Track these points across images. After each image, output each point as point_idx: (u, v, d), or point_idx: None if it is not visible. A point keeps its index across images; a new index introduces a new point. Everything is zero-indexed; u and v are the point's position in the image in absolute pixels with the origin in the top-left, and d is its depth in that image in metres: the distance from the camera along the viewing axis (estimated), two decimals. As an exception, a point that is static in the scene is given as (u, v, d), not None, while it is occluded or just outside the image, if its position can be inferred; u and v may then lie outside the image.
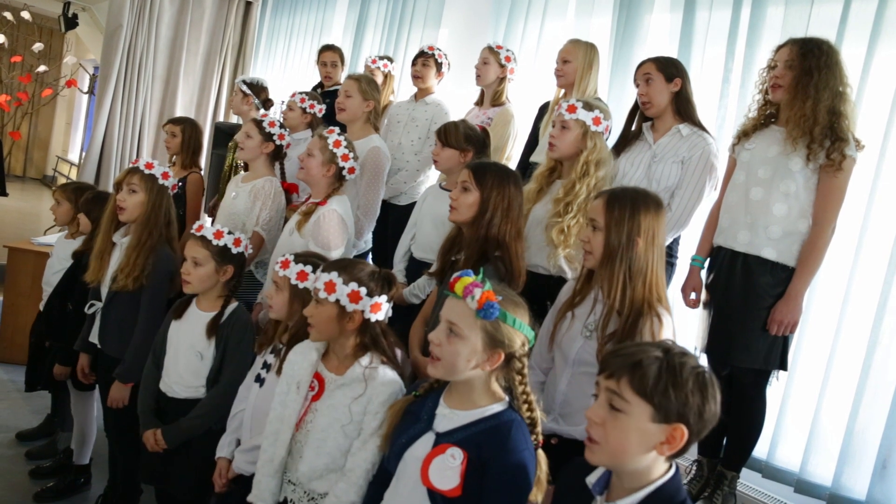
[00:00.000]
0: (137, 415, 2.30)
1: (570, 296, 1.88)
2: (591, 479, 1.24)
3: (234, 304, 2.24)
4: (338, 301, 1.67)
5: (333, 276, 1.68)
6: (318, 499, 1.68)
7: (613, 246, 1.73)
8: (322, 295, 1.68)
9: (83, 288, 2.63)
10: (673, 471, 1.18)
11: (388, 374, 1.68)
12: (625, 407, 1.12)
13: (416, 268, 2.67)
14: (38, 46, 8.60)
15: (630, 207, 1.74)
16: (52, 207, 3.08)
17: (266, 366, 2.01)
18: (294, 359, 1.78)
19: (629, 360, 1.14)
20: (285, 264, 1.94)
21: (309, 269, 1.93)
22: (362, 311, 1.69)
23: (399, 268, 2.75)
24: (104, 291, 2.52)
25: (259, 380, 2.00)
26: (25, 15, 8.28)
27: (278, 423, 1.73)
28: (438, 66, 3.49)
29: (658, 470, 1.16)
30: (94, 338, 2.54)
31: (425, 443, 1.45)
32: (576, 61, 2.85)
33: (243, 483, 1.91)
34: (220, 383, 2.14)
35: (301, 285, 1.91)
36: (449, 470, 1.38)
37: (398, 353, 1.78)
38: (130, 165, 2.56)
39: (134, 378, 2.36)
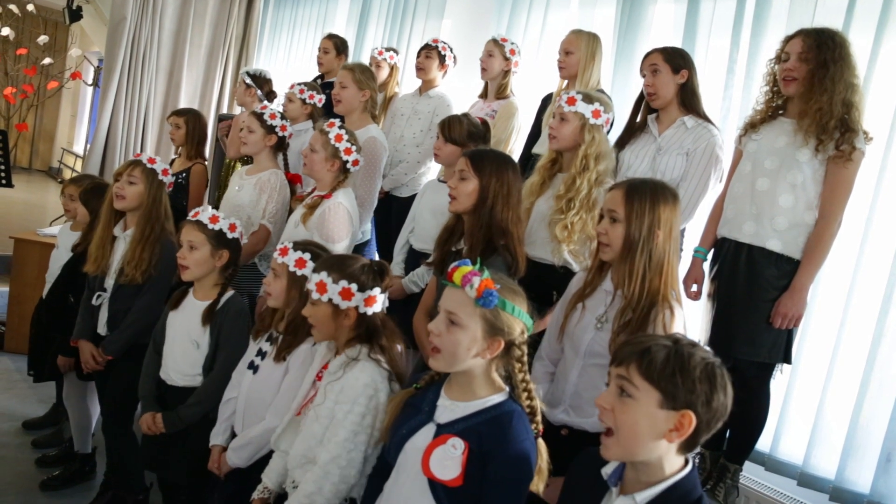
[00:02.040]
0: (129, 408, 2.41)
1: (581, 287, 1.87)
2: (607, 471, 1.24)
3: (229, 293, 2.25)
4: (331, 300, 1.68)
5: (323, 276, 1.69)
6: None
7: (634, 238, 1.70)
8: (315, 296, 1.69)
9: (83, 280, 2.66)
10: (689, 467, 1.19)
11: (364, 366, 1.67)
12: (634, 392, 1.14)
13: (414, 259, 2.67)
14: (43, 39, 8.62)
15: (650, 199, 1.72)
16: (64, 203, 3.08)
17: (261, 353, 2.01)
18: (320, 349, 1.83)
19: (638, 347, 1.16)
20: (284, 251, 1.95)
21: (307, 256, 1.93)
22: (356, 307, 1.69)
23: (398, 260, 2.75)
24: (109, 283, 2.54)
25: (252, 367, 2.01)
26: (30, 7, 8.30)
27: (287, 406, 1.80)
28: (441, 58, 3.48)
29: (673, 465, 1.17)
30: (101, 328, 2.56)
31: (426, 434, 1.45)
32: (578, 52, 2.83)
33: (240, 474, 1.92)
34: (215, 371, 2.16)
35: (299, 273, 1.91)
36: (450, 460, 1.39)
37: (398, 347, 1.78)
38: (133, 158, 2.60)
39: (113, 351, 2.49)
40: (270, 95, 3.95)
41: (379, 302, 1.73)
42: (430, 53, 3.47)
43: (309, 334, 1.90)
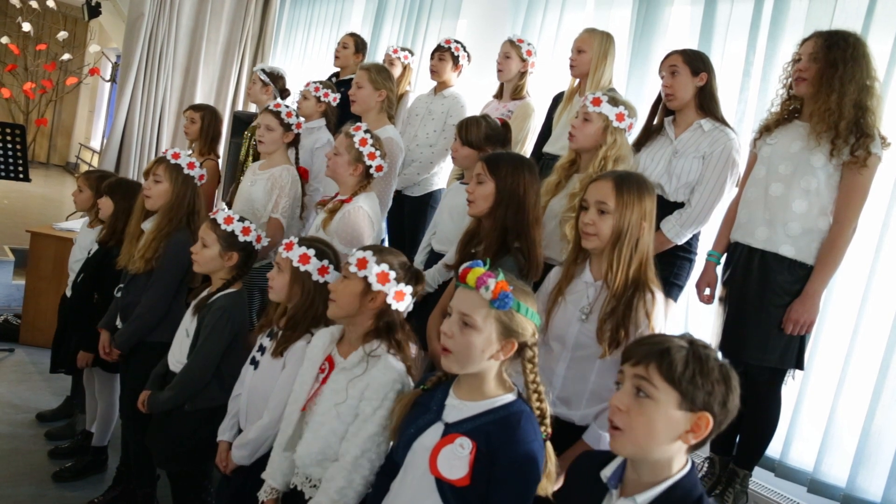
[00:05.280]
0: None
1: (559, 280, 1.88)
2: (607, 473, 1.23)
3: (230, 289, 2.24)
4: (366, 277, 1.68)
5: (368, 254, 1.70)
6: (318, 485, 1.69)
7: (622, 229, 1.74)
8: (352, 269, 1.69)
9: (110, 275, 2.68)
10: (689, 466, 1.18)
11: (390, 362, 1.68)
12: (653, 393, 1.13)
13: (435, 261, 2.67)
14: (62, 35, 8.73)
15: (637, 191, 1.77)
16: (73, 193, 3.12)
17: (261, 348, 2.02)
18: (316, 342, 1.82)
19: (656, 347, 1.16)
20: (289, 246, 1.95)
21: (312, 252, 1.94)
22: (385, 294, 1.69)
23: (418, 260, 2.75)
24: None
25: (254, 362, 2.02)
26: (50, 3, 8.40)
27: (294, 404, 1.77)
28: (455, 59, 3.48)
29: (676, 464, 1.17)
30: (118, 320, 2.59)
31: (434, 433, 1.45)
32: (590, 51, 2.81)
33: (245, 471, 1.94)
34: (186, 363, 2.19)
35: (302, 268, 1.92)
36: (457, 460, 1.38)
37: (413, 347, 1.78)
38: (161, 155, 2.60)
39: (119, 345, 2.50)
40: (284, 92, 3.98)
41: (405, 302, 1.73)
42: (444, 55, 3.47)
43: (307, 331, 1.91)
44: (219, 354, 2.16)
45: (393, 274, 1.69)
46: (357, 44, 4.09)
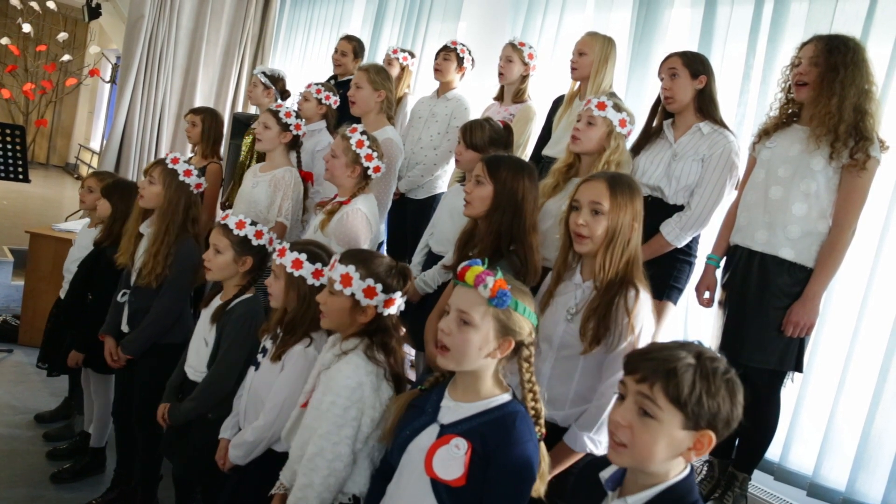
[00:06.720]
0: (151, 406, 2.36)
1: (550, 282, 1.89)
2: (605, 475, 1.23)
3: (247, 295, 2.24)
4: (353, 295, 1.68)
5: (350, 269, 1.68)
6: None
7: (615, 230, 1.74)
8: (337, 287, 1.68)
9: (104, 276, 2.67)
10: (687, 470, 1.18)
11: (352, 359, 1.65)
12: (657, 413, 1.12)
13: (433, 262, 2.67)
14: (62, 36, 8.74)
15: (629, 192, 1.77)
16: (81, 193, 3.11)
17: (263, 350, 2.02)
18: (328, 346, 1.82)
19: (663, 365, 1.12)
20: (281, 252, 1.94)
21: (304, 257, 1.92)
22: (376, 306, 1.69)
23: (416, 261, 2.75)
24: (133, 277, 2.56)
25: (255, 363, 2.02)
26: (51, 5, 8.42)
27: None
28: (460, 60, 3.48)
29: (675, 469, 1.16)
30: (124, 325, 2.58)
31: (429, 434, 1.44)
32: (592, 54, 2.81)
33: (241, 470, 1.94)
34: (209, 371, 2.16)
35: (296, 273, 1.90)
36: (453, 460, 1.38)
37: (407, 349, 1.78)
38: (162, 157, 2.60)
39: (132, 351, 2.48)
40: (284, 94, 3.98)
41: (396, 305, 1.73)
42: (449, 55, 3.47)
43: (305, 334, 1.90)
44: (241, 363, 2.12)
45: (379, 287, 1.68)
46: (355, 49, 4.08)
